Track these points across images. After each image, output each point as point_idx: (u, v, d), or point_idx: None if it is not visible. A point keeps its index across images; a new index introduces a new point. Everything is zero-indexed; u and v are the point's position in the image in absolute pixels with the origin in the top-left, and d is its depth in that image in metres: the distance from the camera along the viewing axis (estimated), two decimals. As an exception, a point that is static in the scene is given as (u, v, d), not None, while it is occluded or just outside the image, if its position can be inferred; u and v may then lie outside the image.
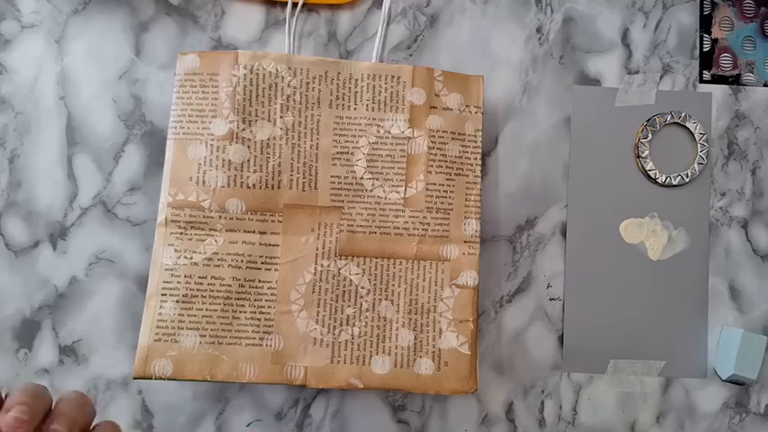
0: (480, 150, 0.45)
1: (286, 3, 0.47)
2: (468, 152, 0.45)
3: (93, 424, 0.30)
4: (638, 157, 0.48)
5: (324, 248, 0.44)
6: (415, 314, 0.44)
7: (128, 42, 0.48)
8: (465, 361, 0.43)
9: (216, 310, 0.42)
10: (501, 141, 0.49)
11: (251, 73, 0.44)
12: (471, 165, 0.45)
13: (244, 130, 0.44)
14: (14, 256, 0.46)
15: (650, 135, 0.48)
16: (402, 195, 0.44)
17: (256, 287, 0.43)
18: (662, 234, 0.48)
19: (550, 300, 0.48)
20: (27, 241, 0.46)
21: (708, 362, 0.48)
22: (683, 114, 0.49)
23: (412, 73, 0.45)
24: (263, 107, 0.44)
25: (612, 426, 0.47)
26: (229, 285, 0.43)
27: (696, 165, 0.48)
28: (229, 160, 0.43)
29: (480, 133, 0.46)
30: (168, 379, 0.41)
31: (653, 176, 0.48)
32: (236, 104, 0.44)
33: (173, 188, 0.43)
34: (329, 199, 0.44)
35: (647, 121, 0.48)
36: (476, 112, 0.46)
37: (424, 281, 0.44)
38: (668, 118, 0.48)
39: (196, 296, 0.42)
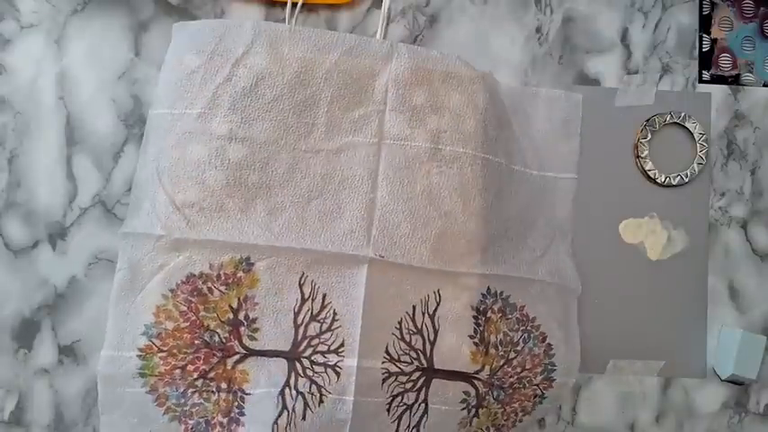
0: (480, 150, 0.45)
1: (286, 3, 0.47)
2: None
3: None
4: (638, 157, 0.48)
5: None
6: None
7: (127, 42, 0.48)
8: None
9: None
10: (500, 141, 0.48)
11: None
12: (471, 165, 0.45)
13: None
14: (14, 256, 0.46)
15: (650, 135, 0.48)
16: (402, 195, 0.44)
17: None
18: (661, 234, 0.48)
19: (550, 300, 0.48)
20: (26, 241, 0.46)
21: (707, 362, 0.48)
22: (682, 114, 0.49)
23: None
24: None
25: (612, 425, 0.47)
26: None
27: (695, 165, 0.48)
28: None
29: (480, 133, 0.46)
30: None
31: (652, 176, 0.48)
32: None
33: (172, 188, 0.43)
34: (329, 199, 0.44)
35: (647, 121, 0.48)
36: (475, 112, 0.46)
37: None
38: (668, 118, 0.48)
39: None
